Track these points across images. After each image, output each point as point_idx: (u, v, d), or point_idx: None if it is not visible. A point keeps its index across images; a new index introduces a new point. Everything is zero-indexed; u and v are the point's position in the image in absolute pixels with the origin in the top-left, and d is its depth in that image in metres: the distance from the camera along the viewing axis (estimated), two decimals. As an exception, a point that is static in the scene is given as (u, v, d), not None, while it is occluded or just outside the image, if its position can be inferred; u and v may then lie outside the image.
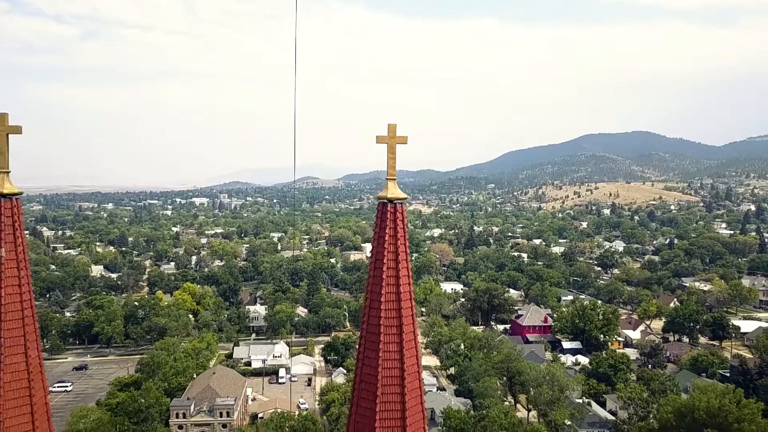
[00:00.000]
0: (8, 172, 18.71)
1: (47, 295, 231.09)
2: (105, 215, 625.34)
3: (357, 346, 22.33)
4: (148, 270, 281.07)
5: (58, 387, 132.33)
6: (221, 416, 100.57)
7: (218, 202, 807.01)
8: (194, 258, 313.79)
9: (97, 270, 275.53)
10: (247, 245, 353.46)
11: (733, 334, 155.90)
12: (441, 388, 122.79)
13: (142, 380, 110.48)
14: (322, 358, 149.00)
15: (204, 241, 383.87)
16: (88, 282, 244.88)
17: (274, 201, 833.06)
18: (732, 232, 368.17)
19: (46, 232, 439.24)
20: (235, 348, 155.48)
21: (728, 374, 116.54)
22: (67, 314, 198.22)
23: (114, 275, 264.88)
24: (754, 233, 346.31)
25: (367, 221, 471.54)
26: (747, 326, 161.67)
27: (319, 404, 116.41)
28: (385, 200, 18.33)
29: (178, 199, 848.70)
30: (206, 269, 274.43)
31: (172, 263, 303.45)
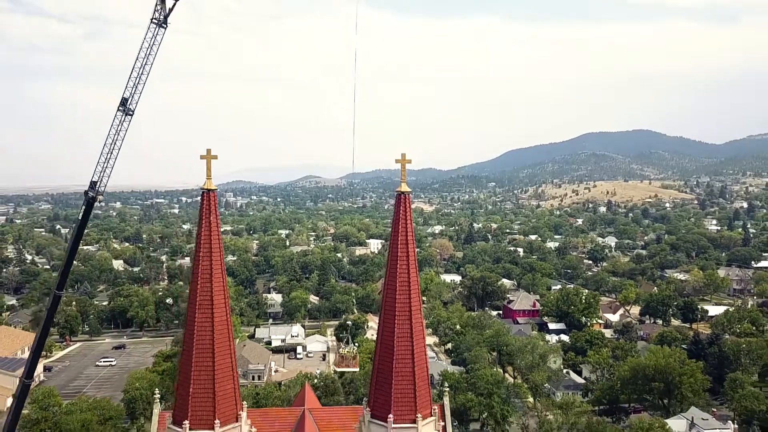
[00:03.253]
0: (210, 179, 36.93)
1: (75, 287, 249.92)
2: (114, 214, 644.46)
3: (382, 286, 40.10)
4: (165, 264, 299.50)
5: (104, 362, 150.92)
6: (253, 379, 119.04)
7: (224, 201, 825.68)
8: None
9: (117, 264, 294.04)
10: (257, 241, 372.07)
11: (701, 317, 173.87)
12: (439, 360, 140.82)
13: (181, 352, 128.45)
14: (334, 337, 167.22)
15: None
16: (114, 275, 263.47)
17: (278, 200, 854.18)
18: (719, 228, 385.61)
19: (62, 230, 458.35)
20: (256, 329, 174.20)
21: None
22: (96, 303, 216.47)
23: (135, 269, 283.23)
24: (740, 229, 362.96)
25: (371, 219, 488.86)
26: (715, 310, 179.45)
27: (334, 373, 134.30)
28: (400, 192, 36.46)
29: (183, 198, 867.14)
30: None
31: (187, 258, 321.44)
